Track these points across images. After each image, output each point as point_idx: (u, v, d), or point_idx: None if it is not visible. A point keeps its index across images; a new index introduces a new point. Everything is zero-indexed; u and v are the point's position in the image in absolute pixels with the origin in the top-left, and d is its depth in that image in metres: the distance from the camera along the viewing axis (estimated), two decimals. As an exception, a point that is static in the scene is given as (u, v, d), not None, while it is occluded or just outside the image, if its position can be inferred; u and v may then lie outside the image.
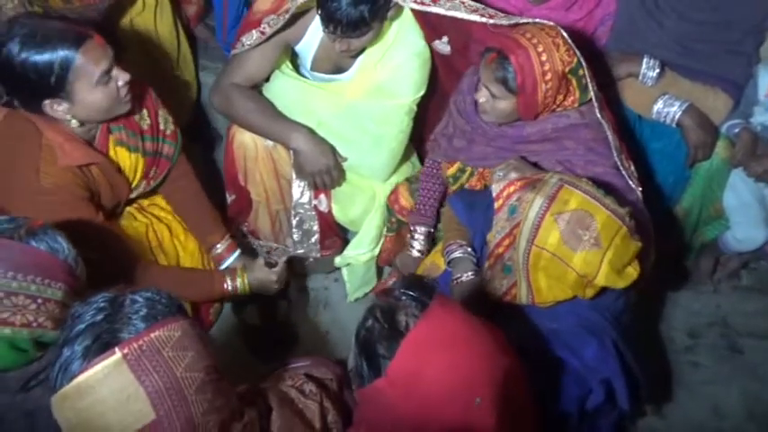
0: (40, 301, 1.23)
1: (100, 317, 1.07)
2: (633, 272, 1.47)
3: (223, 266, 2.05)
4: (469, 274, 1.76)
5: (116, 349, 1.01)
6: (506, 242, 1.54)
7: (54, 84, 1.55)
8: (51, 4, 2.06)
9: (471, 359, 1.16)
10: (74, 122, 1.63)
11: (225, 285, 1.92)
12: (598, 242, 1.43)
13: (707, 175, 2.16)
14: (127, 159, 1.83)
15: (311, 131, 2.04)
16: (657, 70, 2.10)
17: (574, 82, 1.76)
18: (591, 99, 1.79)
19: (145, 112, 1.88)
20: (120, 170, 1.83)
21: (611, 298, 1.58)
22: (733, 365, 2.25)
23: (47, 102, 1.59)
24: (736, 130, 2.10)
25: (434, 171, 2.09)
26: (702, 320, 2.37)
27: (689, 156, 2.12)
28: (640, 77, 2.12)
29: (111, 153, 1.80)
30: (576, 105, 1.81)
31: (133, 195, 1.94)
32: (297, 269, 2.34)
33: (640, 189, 1.85)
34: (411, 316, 1.18)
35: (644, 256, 1.53)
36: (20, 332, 1.22)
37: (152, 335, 1.04)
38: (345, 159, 2.11)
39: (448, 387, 1.13)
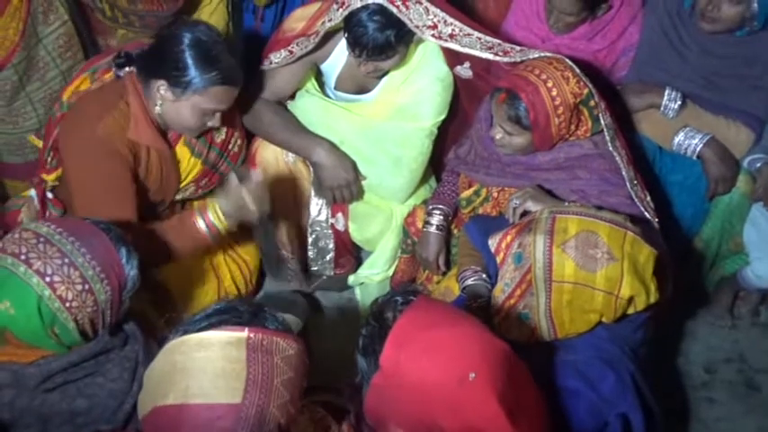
0: (87, 287, 1.29)
1: (243, 308, 1.15)
2: (653, 281, 1.47)
3: None
4: (482, 300, 1.76)
5: (246, 329, 1.09)
6: (518, 292, 1.54)
7: (182, 80, 1.70)
8: (117, 1, 2.18)
9: (458, 336, 1.16)
10: (157, 108, 1.75)
11: (196, 223, 1.71)
12: (612, 255, 1.44)
13: (727, 209, 2.15)
14: (186, 159, 1.91)
15: (333, 146, 2.08)
16: (679, 102, 2.11)
17: (585, 112, 1.78)
18: (602, 129, 1.80)
19: (224, 129, 1.97)
20: (176, 166, 1.89)
21: (629, 329, 1.58)
22: (749, 402, 2.20)
23: (162, 82, 1.71)
24: (758, 165, 2.09)
25: (453, 177, 2.10)
26: (720, 356, 2.33)
27: (709, 189, 2.12)
28: (662, 109, 2.13)
29: (177, 148, 1.88)
30: (588, 135, 1.82)
31: (179, 197, 1.99)
32: (308, 285, 2.34)
33: (657, 220, 1.85)
34: (397, 311, 1.22)
35: (662, 283, 1.52)
36: (52, 300, 1.26)
37: (275, 338, 1.12)
38: (365, 178, 2.14)
39: (437, 365, 1.13)
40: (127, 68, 1.78)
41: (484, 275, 1.82)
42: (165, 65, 1.71)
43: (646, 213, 1.82)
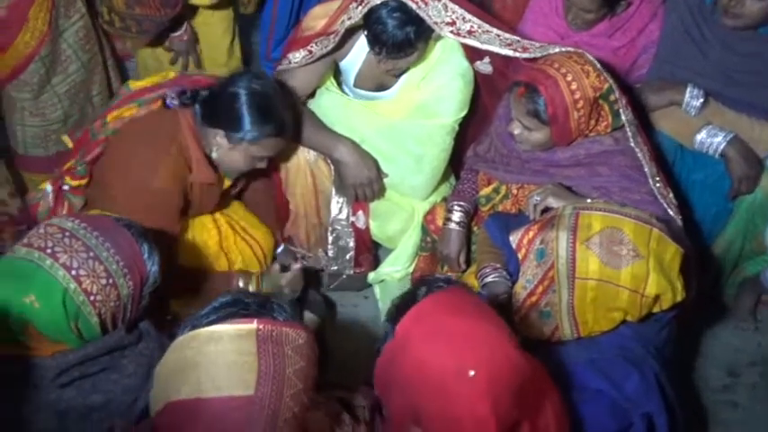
0: (111, 281, 1.31)
1: (250, 300, 1.15)
2: (680, 279, 1.44)
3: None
4: (504, 298, 1.74)
5: (255, 320, 1.09)
6: (540, 289, 1.52)
7: (237, 131, 1.80)
8: (115, 5, 2.21)
9: (473, 331, 1.14)
10: (214, 154, 1.86)
11: (235, 284, 1.92)
12: (638, 252, 1.41)
13: (750, 208, 2.11)
14: (224, 180, 1.99)
15: (355, 144, 2.08)
16: (701, 100, 2.08)
17: (606, 107, 1.76)
18: (623, 125, 1.78)
19: None
20: (220, 190, 1.98)
21: (654, 328, 1.55)
22: (772, 406, 2.17)
23: (219, 131, 1.81)
24: (783, 164, 2.06)
25: (472, 175, 2.08)
26: (743, 359, 2.29)
27: (732, 188, 2.08)
28: (683, 106, 2.10)
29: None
30: (608, 131, 1.80)
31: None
32: (327, 285, 2.35)
33: (680, 218, 1.82)
34: (432, 290, 1.22)
35: (687, 282, 1.50)
36: (77, 294, 1.27)
37: (285, 328, 1.11)
38: (387, 175, 2.14)
39: (441, 350, 1.12)
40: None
41: (504, 272, 1.80)
42: (224, 117, 1.81)
43: (669, 211, 1.80)
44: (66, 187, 1.91)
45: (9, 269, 1.29)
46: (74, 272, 1.28)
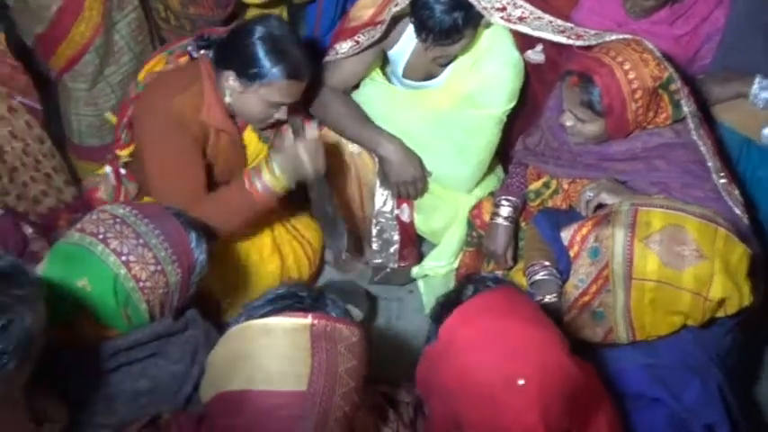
0: (159, 268, 1.32)
1: (305, 293, 1.14)
2: (747, 282, 1.35)
3: None
4: (553, 296, 1.66)
5: (309, 315, 1.07)
6: (593, 289, 1.45)
7: (249, 72, 1.72)
8: (170, 3, 2.27)
9: (525, 336, 1.08)
10: (227, 98, 1.79)
11: (252, 185, 1.70)
12: (701, 253, 1.33)
13: (821, 207, 1.97)
14: (254, 144, 1.93)
15: (401, 141, 2.04)
16: (770, 91, 1.95)
17: (666, 98, 1.66)
18: (685, 117, 1.68)
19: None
20: (244, 149, 1.92)
21: (717, 334, 1.46)
22: (844, 420, 2.02)
23: (231, 73, 1.74)
24: None
25: (521, 169, 2.01)
26: (812, 368, 2.15)
27: (802, 185, 1.95)
28: (750, 98, 1.97)
29: (245, 133, 1.90)
30: (668, 123, 1.70)
31: None
32: (371, 278, 2.32)
33: (746, 217, 1.70)
34: (479, 288, 1.17)
35: (754, 286, 1.39)
36: (127, 280, 1.29)
37: (339, 324, 1.09)
38: (431, 174, 2.10)
39: (489, 355, 1.06)
40: (203, 51, 1.83)
41: (554, 270, 1.72)
42: (235, 56, 1.74)
43: (735, 209, 1.68)
44: (122, 171, 1.95)
45: (63, 253, 1.32)
46: (124, 258, 1.29)
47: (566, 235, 1.49)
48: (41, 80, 2.28)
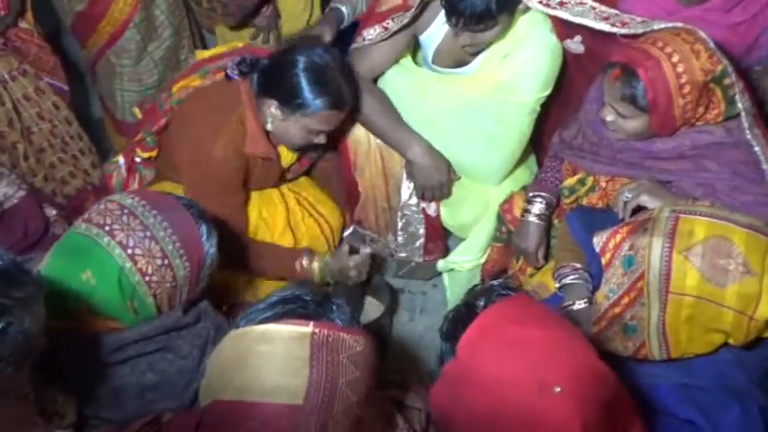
0: (166, 262, 1.29)
1: (309, 297, 1.09)
2: None
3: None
4: (583, 302, 1.57)
5: (311, 323, 1.02)
6: (625, 300, 1.34)
7: (292, 102, 1.73)
8: None
9: (551, 341, 1.01)
10: (269, 126, 1.80)
11: (300, 263, 1.89)
12: (748, 268, 1.22)
13: None
14: (285, 155, 1.93)
15: (429, 145, 1.98)
16: (835, 87, 1.79)
17: (718, 92, 1.53)
18: (739, 114, 1.54)
19: None
20: (279, 165, 1.93)
21: (761, 356, 1.35)
22: None
23: (273, 102, 1.75)
24: None
25: (556, 163, 1.91)
26: None
27: None
28: (812, 93, 1.82)
29: (279, 147, 1.91)
30: (720, 120, 1.57)
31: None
32: (395, 271, 2.28)
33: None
34: (491, 299, 1.11)
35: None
36: (132, 273, 1.26)
37: (342, 333, 1.04)
38: (459, 177, 2.05)
39: (518, 363, 1.00)
40: (242, 76, 1.81)
41: (585, 274, 1.63)
42: (279, 86, 1.74)
43: (789, 218, 1.55)
44: (138, 159, 1.94)
45: (69, 244, 1.30)
46: (130, 251, 1.26)
47: (598, 241, 1.38)
48: (68, 64, 2.31)
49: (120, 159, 1.96)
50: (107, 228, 1.27)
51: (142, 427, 1.13)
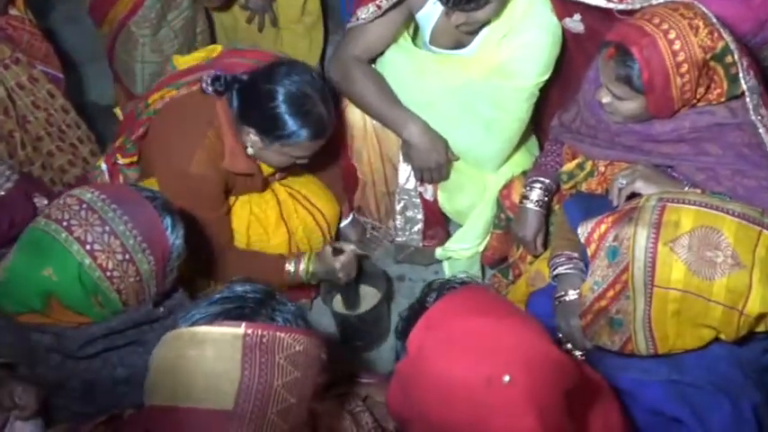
0: (127, 257, 1.27)
1: (252, 295, 1.07)
2: None
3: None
4: (576, 292, 1.52)
5: (243, 324, 0.99)
6: (610, 293, 1.27)
7: (272, 134, 1.70)
8: None
9: (499, 331, 0.98)
10: (249, 150, 1.77)
11: (286, 267, 1.88)
12: (738, 261, 1.16)
13: None
14: (267, 168, 1.91)
15: (426, 125, 1.92)
16: None
17: (720, 71, 1.44)
18: (743, 93, 1.45)
19: None
20: (261, 175, 1.90)
21: (755, 351, 1.28)
22: None
23: (252, 131, 1.72)
24: None
25: (557, 147, 1.84)
26: None
27: None
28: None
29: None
30: (722, 99, 1.48)
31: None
32: (395, 256, 2.24)
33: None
34: (442, 294, 1.09)
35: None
36: (92, 269, 1.25)
37: (280, 333, 1.01)
38: (458, 158, 1.99)
39: (464, 357, 0.97)
40: (217, 93, 1.75)
41: (581, 264, 1.56)
42: (258, 117, 1.70)
43: (792, 204, 1.46)
44: (120, 162, 1.92)
45: (30, 240, 1.29)
46: (88, 246, 1.25)
47: (583, 231, 1.31)
48: (62, 53, 2.29)
49: (102, 165, 1.95)
50: (65, 223, 1.25)
51: (97, 426, 1.11)
